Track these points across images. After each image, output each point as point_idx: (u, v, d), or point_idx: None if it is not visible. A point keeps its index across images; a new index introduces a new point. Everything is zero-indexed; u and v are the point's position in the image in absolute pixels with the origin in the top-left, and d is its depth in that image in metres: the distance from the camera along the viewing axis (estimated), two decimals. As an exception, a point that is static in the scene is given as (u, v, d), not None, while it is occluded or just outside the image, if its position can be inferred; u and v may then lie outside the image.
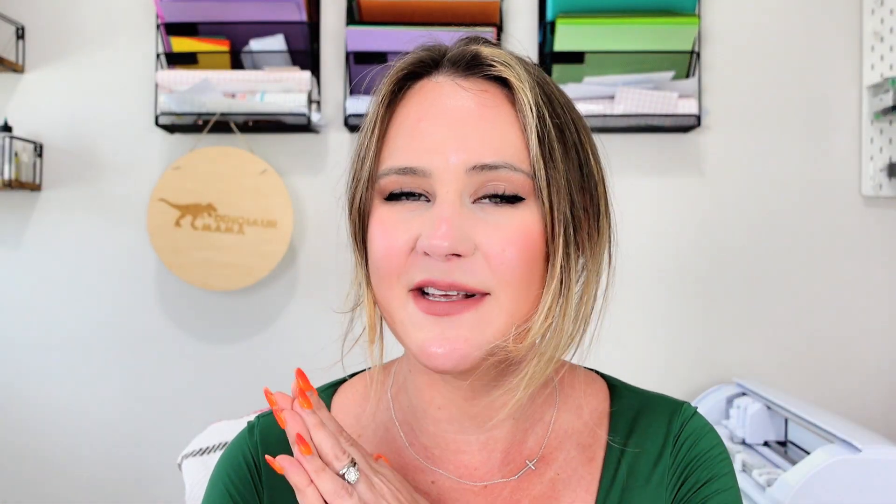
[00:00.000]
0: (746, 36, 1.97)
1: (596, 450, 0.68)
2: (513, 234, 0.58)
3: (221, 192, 1.89)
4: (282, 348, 1.99)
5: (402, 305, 0.59)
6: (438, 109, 0.60)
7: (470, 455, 0.66)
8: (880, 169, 1.93)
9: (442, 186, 0.58)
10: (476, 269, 0.57)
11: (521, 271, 0.58)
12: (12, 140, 1.89)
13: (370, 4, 1.83)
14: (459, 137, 0.58)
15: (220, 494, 0.69)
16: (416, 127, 0.60)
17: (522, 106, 0.59)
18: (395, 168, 0.59)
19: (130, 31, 2.00)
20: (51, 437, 2.01)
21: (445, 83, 0.61)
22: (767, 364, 1.96)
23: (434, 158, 0.58)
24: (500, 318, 0.58)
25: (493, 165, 0.58)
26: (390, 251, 0.59)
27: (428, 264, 0.57)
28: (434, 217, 0.57)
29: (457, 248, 0.56)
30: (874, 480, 1.26)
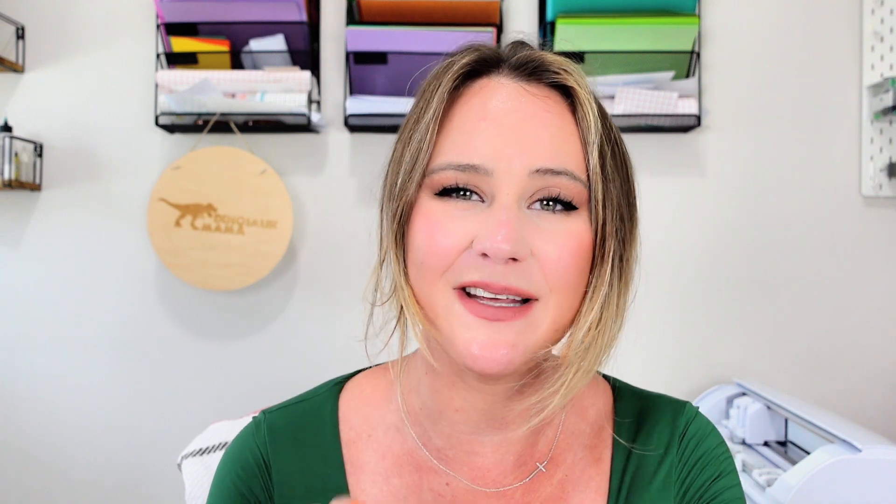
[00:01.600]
0: (746, 36, 1.97)
1: (602, 450, 0.68)
2: (568, 242, 0.58)
3: (221, 193, 1.89)
4: (281, 348, 1.99)
5: (448, 304, 0.59)
6: (503, 110, 0.59)
7: (483, 457, 0.66)
8: (880, 169, 1.93)
9: (503, 188, 0.57)
10: (530, 273, 0.57)
11: (572, 278, 0.58)
12: (12, 140, 1.89)
13: (370, 4, 1.83)
14: (524, 140, 0.58)
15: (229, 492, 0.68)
16: (479, 125, 0.59)
17: (586, 117, 0.60)
18: (454, 164, 0.58)
19: (130, 31, 2.00)
20: (50, 436, 2.01)
21: (510, 84, 0.61)
22: (767, 364, 1.96)
23: (497, 159, 0.58)
24: (545, 322, 0.58)
25: (556, 171, 0.58)
26: (440, 247, 0.58)
27: (483, 266, 0.57)
28: (495, 219, 0.57)
29: (517, 253, 0.56)
30: (874, 480, 1.26)
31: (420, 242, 0.59)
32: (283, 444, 0.68)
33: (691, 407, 0.72)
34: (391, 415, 0.69)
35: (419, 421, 0.67)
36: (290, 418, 0.70)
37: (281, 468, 0.68)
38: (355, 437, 0.69)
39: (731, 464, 0.69)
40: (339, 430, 0.69)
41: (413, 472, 0.66)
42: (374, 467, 0.67)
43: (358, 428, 0.69)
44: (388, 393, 0.70)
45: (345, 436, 0.69)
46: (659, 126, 1.91)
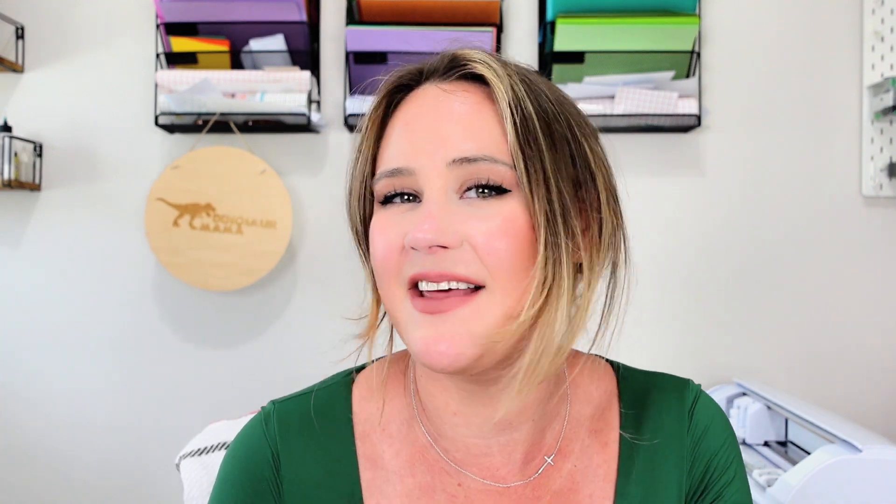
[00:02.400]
0: (746, 36, 1.97)
1: (608, 433, 0.69)
2: (499, 224, 0.58)
3: (220, 192, 1.89)
4: (280, 349, 1.98)
5: (402, 305, 0.60)
6: (420, 113, 0.62)
7: (491, 458, 0.66)
8: (880, 169, 1.92)
9: (426, 183, 0.60)
10: (466, 259, 0.58)
11: (512, 262, 0.58)
12: (12, 140, 1.89)
13: (370, 4, 1.83)
14: (441, 135, 0.60)
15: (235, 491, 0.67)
16: (401, 130, 0.62)
17: (499, 99, 0.60)
18: (385, 171, 0.62)
19: (130, 31, 2.00)
20: (49, 436, 2.01)
21: (429, 89, 0.64)
22: (767, 364, 1.96)
23: (418, 157, 0.60)
24: (493, 311, 0.58)
25: (473, 158, 0.59)
26: (385, 252, 0.61)
27: (418, 259, 0.58)
28: (419, 213, 0.59)
29: (440, 240, 0.57)
30: (874, 480, 1.26)
31: (374, 251, 0.62)
32: (295, 436, 0.68)
33: (694, 383, 0.73)
34: (404, 410, 0.69)
35: (426, 421, 0.68)
36: (302, 409, 0.69)
37: (291, 462, 0.67)
38: (369, 429, 0.68)
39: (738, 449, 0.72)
40: (352, 422, 0.68)
41: (426, 472, 0.66)
42: (389, 464, 0.67)
43: (372, 421, 0.69)
44: (400, 384, 0.70)
45: (358, 428, 0.68)
46: (659, 126, 1.91)
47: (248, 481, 0.67)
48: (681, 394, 0.71)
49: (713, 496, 0.69)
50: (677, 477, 0.68)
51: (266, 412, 0.70)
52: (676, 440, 0.69)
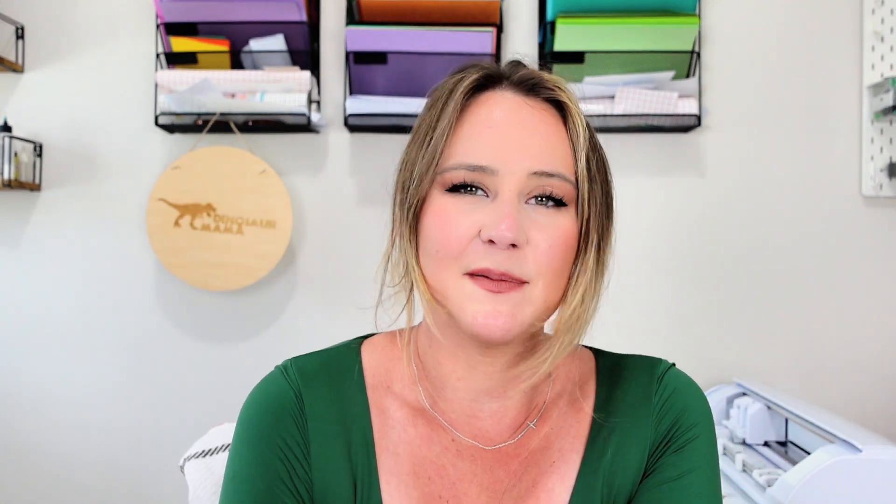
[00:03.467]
0: (746, 36, 1.97)
1: (583, 401, 0.78)
2: (558, 234, 0.68)
3: (221, 192, 1.89)
4: (281, 348, 1.98)
5: (458, 286, 0.68)
6: (506, 119, 0.69)
7: (482, 420, 0.75)
8: (880, 169, 1.92)
9: (506, 185, 0.67)
10: (525, 260, 0.67)
11: (558, 264, 0.68)
12: (12, 140, 1.89)
13: (370, 4, 1.83)
14: (524, 146, 0.68)
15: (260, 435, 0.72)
16: (486, 131, 0.69)
17: (576, 128, 0.70)
18: (465, 164, 0.68)
19: (130, 31, 2.00)
20: (50, 437, 2.01)
21: (513, 98, 0.71)
22: (767, 364, 1.96)
23: (503, 160, 0.67)
24: (536, 302, 0.68)
25: (551, 174, 0.68)
26: (451, 237, 0.67)
27: (488, 252, 0.66)
28: (500, 211, 0.66)
29: (517, 240, 0.65)
30: (874, 480, 1.26)
31: (434, 233, 0.69)
32: (314, 381, 0.75)
33: (667, 361, 0.82)
34: (407, 374, 0.77)
35: (426, 387, 0.76)
36: (317, 362, 0.78)
37: (313, 401, 0.74)
38: (378, 383, 0.77)
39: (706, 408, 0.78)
40: (364, 376, 0.77)
41: (425, 425, 0.75)
42: (394, 414, 0.75)
43: (379, 377, 0.77)
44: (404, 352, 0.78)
45: (369, 381, 0.76)
46: (659, 126, 1.91)
47: (274, 417, 0.73)
48: (652, 367, 0.80)
49: (675, 448, 0.75)
50: (643, 433, 0.76)
51: (283, 366, 0.78)
52: (644, 403, 0.77)
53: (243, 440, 0.73)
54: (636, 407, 0.77)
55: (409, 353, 0.78)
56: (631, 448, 0.75)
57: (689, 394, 0.78)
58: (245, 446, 0.73)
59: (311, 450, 0.73)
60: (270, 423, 0.73)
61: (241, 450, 0.73)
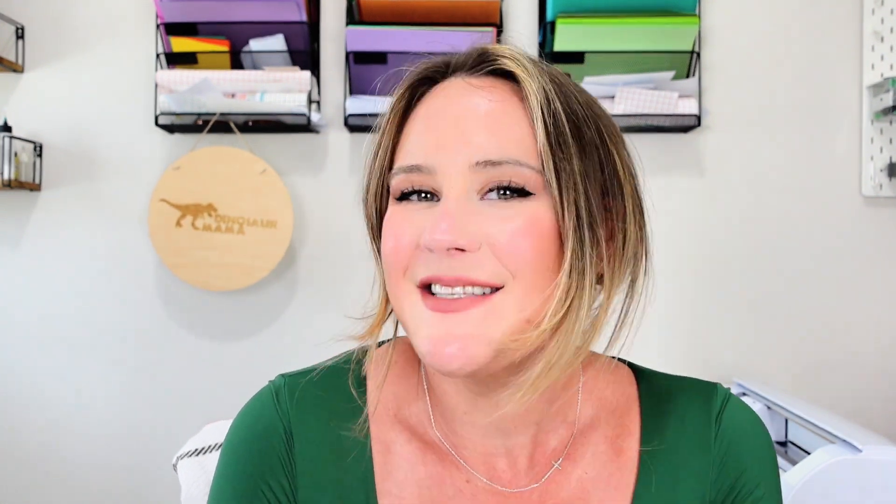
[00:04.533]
0: (746, 36, 1.97)
1: (625, 439, 0.65)
2: (522, 224, 0.56)
3: (221, 193, 1.89)
4: (281, 348, 1.98)
5: (411, 303, 0.58)
6: (446, 107, 0.60)
7: (497, 458, 0.64)
8: (880, 169, 1.92)
9: (447, 182, 0.57)
10: (484, 262, 0.55)
11: (536, 263, 0.55)
12: (12, 140, 1.89)
13: (370, 4, 1.83)
14: (464, 133, 0.57)
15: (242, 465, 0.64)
16: (424, 124, 0.60)
17: (529, 97, 0.57)
18: (403, 167, 0.60)
19: (130, 31, 2.00)
20: (49, 436, 2.01)
21: (455, 83, 0.61)
22: (767, 364, 1.96)
23: (439, 155, 0.58)
24: (511, 312, 0.55)
25: (498, 161, 0.56)
26: (396, 248, 0.59)
27: (433, 260, 0.56)
28: (437, 212, 0.56)
29: (457, 242, 0.54)
30: (874, 480, 1.26)
31: (384, 246, 0.60)
32: (308, 412, 0.65)
33: (722, 387, 0.69)
34: (418, 400, 0.66)
35: (439, 414, 0.66)
36: (315, 385, 0.67)
37: (304, 439, 0.64)
38: (383, 412, 0.66)
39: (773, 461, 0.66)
40: (366, 401, 0.66)
41: (437, 463, 0.64)
42: (401, 449, 0.65)
43: (386, 403, 0.66)
44: (415, 373, 0.68)
45: (372, 409, 0.66)
46: (659, 126, 1.91)
47: (259, 456, 0.64)
48: (707, 398, 0.67)
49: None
50: (700, 490, 0.64)
51: (276, 385, 0.68)
52: (702, 449, 0.65)
53: (226, 476, 0.65)
54: (691, 453, 0.65)
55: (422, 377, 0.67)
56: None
57: (752, 440, 0.66)
58: (228, 483, 0.64)
59: (299, 495, 0.63)
60: (255, 462, 0.64)
61: (222, 485, 0.65)
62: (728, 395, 0.68)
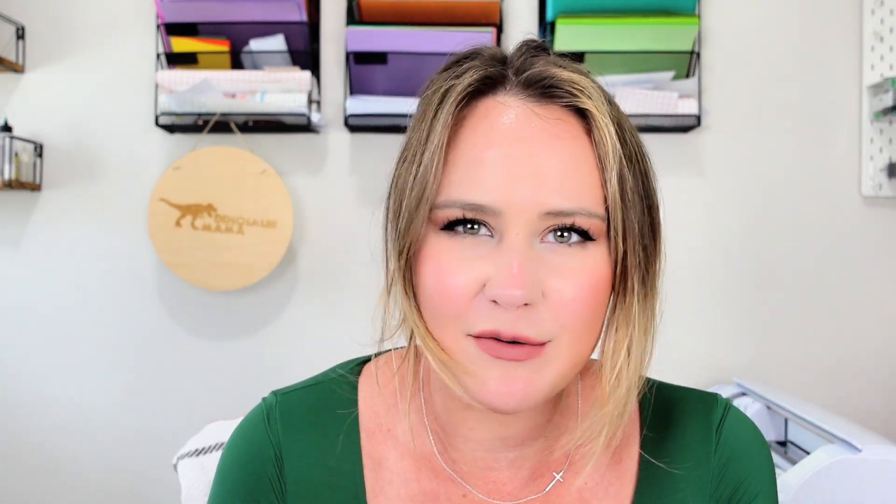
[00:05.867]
0: (746, 36, 1.97)
1: (625, 449, 0.65)
2: (584, 280, 0.55)
3: (221, 193, 1.89)
4: (281, 348, 1.99)
5: (460, 346, 0.56)
6: (509, 138, 0.55)
7: (498, 472, 0.64)
8: (880, 169, 1.93)
9: (513, 228, 0.54)
10: (542, 318, 0.54)
11: (587, 316, 0.55)
12: (12, 140, 1.89)
13: (370, 4, 1.83)
14: (533, 175, 0.54)
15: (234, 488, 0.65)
16: (484, 155, 0.55)
17: (604, 144, 0.55)
18: (460, 202, 0.55)
19: (130, 31, 2.00)
20: (48, 436, 2.01)
21: (517, 106, 0.56)
22: (767, 364, 1.96)
23: (506, 196, 0.54)
24: (560, 360, 0.56)
25: (570, 212, 0.54)
26: (450, 293, 0.55)
27: (495, 313, 0.54)
28: (506, 264, 0.53)
29: (529, 298, 0.53)
30: (874, 480, 1.26)
31: (430, 285, 0.56)
32: (299, 432, 0.65)
33: (723, 398, 0.69)
34: (413, 414, 0.66)
35: (436, 430, 0.65)
36: (306, 402, 0.66)
37: (294, 460, 0.64)
38: (375, 428, 0.66)
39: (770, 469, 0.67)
40: (358, 419, 0.65)
41: (432, 479, 0.64)
42: (394, 466, 0.64)
43: (378, 419, 0.66)
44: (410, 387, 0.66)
45: (364, 425, 0.65)
46: (659, 126, 1.91)
47: (249, 479, 0.65)
48: (708, 409, 0.67)
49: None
50: (700, 501, 0.64)
51: (268, 405, 0.67)
52: (701, 459, 0.65)
53: (219, 497, 0.65)
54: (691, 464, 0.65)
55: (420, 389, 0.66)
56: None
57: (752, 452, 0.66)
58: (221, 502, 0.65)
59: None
60: (246, 484, 0.64)
61: None
62: (728, 407, 0.68)
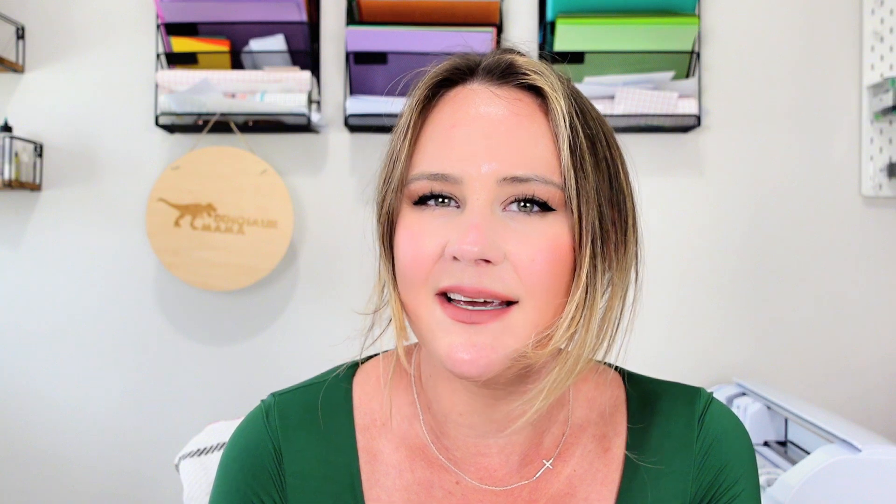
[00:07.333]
0: (746, 36, 1.97)
1: (612, 439, 0.68)
2: (542, 244, 0.58)
3: (221, 192, 1.89)
4: (281, 348, 1.99)
5: (429, 310, 0.60)
6: (472, 116, 0.60)
7: (489, 458, 0.66)
8: (880, 169, 1.93)
9: (473, 194, 0.58)
10: (505, 276, 0.58)
11: (549, 281, 0.58)
12: (12, 140, 1.89)
13: (370, 4, 1.83)
14: (492, 146, 0.59)
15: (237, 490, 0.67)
16: (450, 133, 0.60)
17: (556, 115, 0.59)
18: (426, 173, 0.60)
19: (130, 31, 2.00)
20: (49, 436, 2.01)
21: (480, 90, 0.62)
22: (767, 364, 1.96)
23: (466, 166, 0.59)
24: (524, 326, 0.58)
25: (525, 178, 0.58)
26: (418, 256, 0.59)
27: (456, 270, 0.58)
28: (464, 223, 0.58)
29: (486, 254, 0.56)
30: (874, 480, 1.26)
31: (402, 253, 0.61)
32: (296, 429, 0.68)
33: (706, 392, 0.72)
34: (406, 406, 0.69)
35: (429, 419, 0.68)
36: (303, 401, 0.70)
37: (293, 455, 0.67)
38: (370, 422, 0.69)
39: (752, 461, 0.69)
40: (353, 415, 0.69)
41: (425, 468, 0.67)
42: (388, 458, 0.67)
43: (373, 414, 0.69)
44: (403, 381, 0.70)
45: (359, 421, 0.69)
46: (659, 126, 1.91)
47: (250, 473, 0.67)
48: (691, 401, 0.70)
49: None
50: (682, 486, 0.67)
51: (266, 405, 0.70)
52: (684, 448, 0.68)
53: (220, 492, 0.68)
54: (675, 451, 0.68)
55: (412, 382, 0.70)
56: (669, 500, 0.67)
57: (733, 439, 0.69)
58: (222, 498, 0.68)
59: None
60: (247, 480, 0.67)
61: (218, 500, 0.68)
62: (710, 399, 0.71)
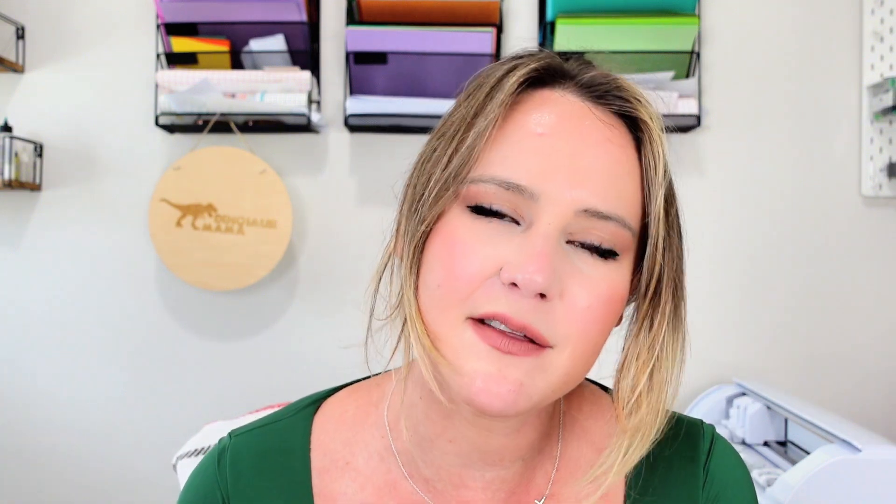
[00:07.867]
0: (746, 36, 1.97)
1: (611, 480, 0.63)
2: (602, 290, 0.52)
3: (222, 193, 1.89)
4: (281, 348, 1.99)
5: (457, 332, 0.52)
6: (567, 129, 0.53)
7: (473, 492, 0.60)
8: (880, 169, 1.93)
9: (546, 217, 0.51)
10: (555, 318, 0.51)
11: (595, 329, 0.53)
12: (12, 140, 1.89)
13: (370, 4, 1.83)
14: (581, 169, 0.52)
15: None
16: (536, 139, 0.53)
17: (655, 157, 0.54)
18: (498, 178, 0.52)
19: (130, 31, 2.00)
20: (48, 436, 2.01)
21: (576, 102, 0.56)
22: (767, 364, 1.96)
23: (548, 184, 0.52)
24: (557, 370, 0.53)
25: (607, 216, 0.52)
26: (464, 273, 0.52)
27: (509, 297, 0.51)
28: (529, 248, 0.51)
29: (549, 289, 0.50)
30: (874, 480, 1.26)
31: (439, 263, 0.53)
32: (246, 477, 0.62)
33: (708, 426, 0.67)
34: (375, 441, 0.62)
35: (407, 450, 0.61)
36: (256, 444, 0.64)
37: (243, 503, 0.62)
38: (329, 464, 0.62)
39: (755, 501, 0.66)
40: (309, 456, 0.63)
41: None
42: (350, 499, 0.61)
43: (334, 454, 0.62)
44: (371, 415, 0.64)
45: (316, 463, 0.62)
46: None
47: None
48: (694, 444, 0.64)
49: None
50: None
51: (221, 448, 0.65)
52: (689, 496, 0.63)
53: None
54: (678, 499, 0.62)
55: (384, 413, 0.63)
56: None
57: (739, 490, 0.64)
58: None
59: None
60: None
61: None
62: (714, 439, 0.66)
